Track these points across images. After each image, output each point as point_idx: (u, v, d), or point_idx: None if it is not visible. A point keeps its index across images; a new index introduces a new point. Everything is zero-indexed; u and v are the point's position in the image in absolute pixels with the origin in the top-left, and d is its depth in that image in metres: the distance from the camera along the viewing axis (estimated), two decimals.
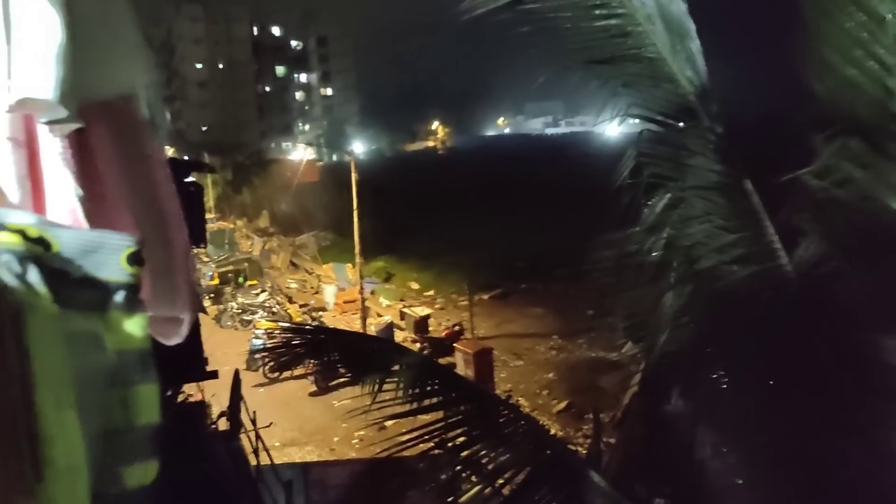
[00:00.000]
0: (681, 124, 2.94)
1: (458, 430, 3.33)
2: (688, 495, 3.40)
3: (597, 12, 2.72)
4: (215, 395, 8.16)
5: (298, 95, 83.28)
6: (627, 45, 2.78)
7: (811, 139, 2.54)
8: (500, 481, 3.21)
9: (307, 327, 7.60)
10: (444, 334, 18.46)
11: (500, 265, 24.53)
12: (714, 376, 3.17)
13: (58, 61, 0.86)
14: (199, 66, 75.12)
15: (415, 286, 26.50)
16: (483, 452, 3.31)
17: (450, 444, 3.31)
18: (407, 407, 3.34)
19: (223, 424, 6.64)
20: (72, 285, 0.59)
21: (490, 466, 3.27)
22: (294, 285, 28.44)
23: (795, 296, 2.74)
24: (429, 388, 3.50)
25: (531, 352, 17.91)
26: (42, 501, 0.51)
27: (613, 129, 3.25)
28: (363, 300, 21.15)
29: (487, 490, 3.21)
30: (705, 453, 3.18)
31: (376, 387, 3.41)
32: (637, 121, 2.98)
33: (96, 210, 0.98)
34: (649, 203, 2.99)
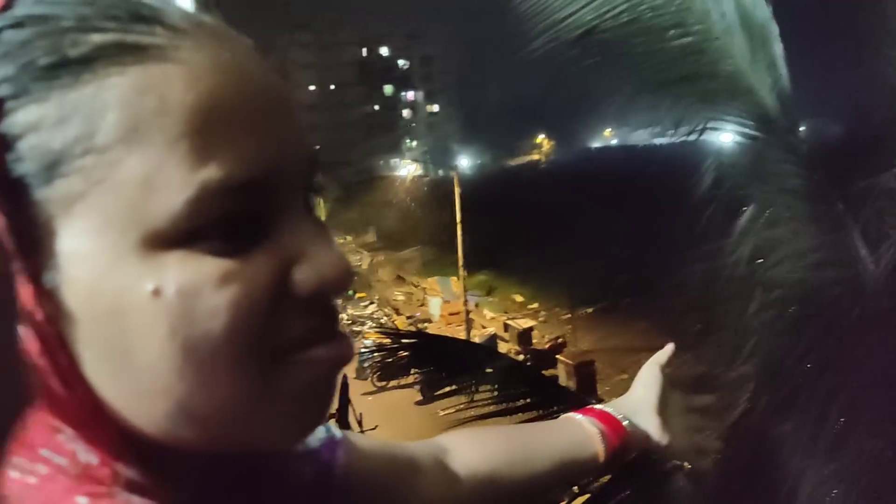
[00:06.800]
0: (760, 134, 2.95)
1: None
2: None
3: (671, 33, 2.79)
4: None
5: (405, 113, 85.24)
6: (703, 62, 2.84)
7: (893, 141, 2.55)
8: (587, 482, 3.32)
9: (409, 331, 7.89)
10: (546, 346, 18.51)
11: (604, 278, 24.25)
12: (810, 389, 3.16)
13: None
14: (311, 88, 78.28)
15: (518, 299, 26.57)
16: None
17: None
18: (502, 407, 3.51)
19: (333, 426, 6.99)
20: None
21: None
22: (401, 298, 29.12)
23: (881, 302, 2.73)
24: (522, 390, 3.65)
25: (636, 366, 17.21)
26: None
27: (727, 137, 3.28)
28: (467, 312, 21.45)
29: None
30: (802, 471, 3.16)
31: (473, 388, 3.60)
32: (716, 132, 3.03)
33: None
34: (737, 214, 3.04)
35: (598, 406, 0.92)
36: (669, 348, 1.05)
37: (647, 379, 0.98)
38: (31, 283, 0.34)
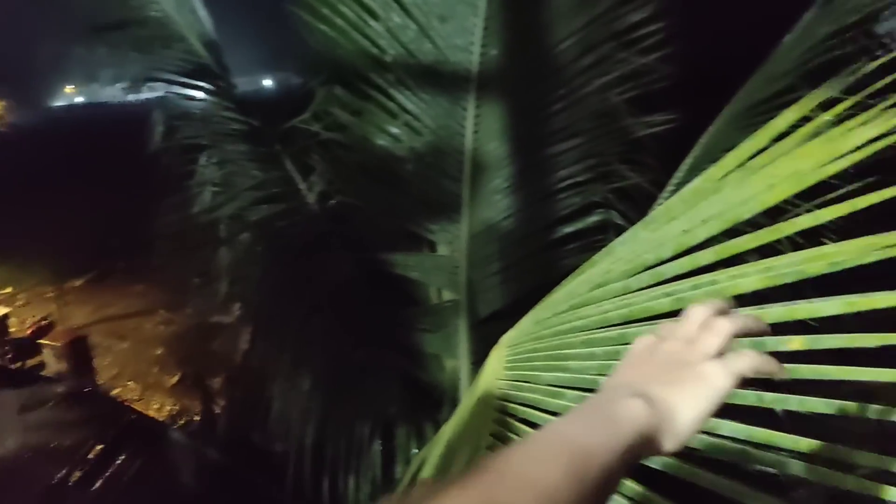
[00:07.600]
0: (200, 82, 3.07)
1: None
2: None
3: None
4: None
5: None
6: (130, 6, 2.82)
7: (309, 88, 2.91)
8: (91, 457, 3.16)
9: None
10: (28, 333, 16.52)
11: (92, 246, 22.53)
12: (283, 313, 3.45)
13: None
14: None
15: None
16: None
17: None
18: None
19: None
20: None
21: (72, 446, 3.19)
22: None
23: (320, 227, 3.13)
24: None
25: (136, 331, 16.95)
26: None
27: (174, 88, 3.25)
28: None
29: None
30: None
31: None
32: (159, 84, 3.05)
33: None
34: (192, 161, 3.13)
35: None
36: None
37: None
38: None
